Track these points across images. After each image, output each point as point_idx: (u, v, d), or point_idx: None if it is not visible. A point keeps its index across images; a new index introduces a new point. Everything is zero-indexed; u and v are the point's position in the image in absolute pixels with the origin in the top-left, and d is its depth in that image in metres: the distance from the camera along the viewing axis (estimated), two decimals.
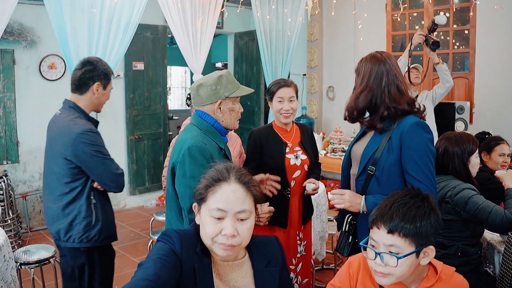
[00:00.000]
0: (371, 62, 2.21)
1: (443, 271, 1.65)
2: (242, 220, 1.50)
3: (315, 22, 6.92)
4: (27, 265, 3.29)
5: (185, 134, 2.26)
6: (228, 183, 1.51)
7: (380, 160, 2.14)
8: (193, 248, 1.52)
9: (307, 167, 2.92)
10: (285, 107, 2.85)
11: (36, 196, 5.72)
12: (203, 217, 1.52)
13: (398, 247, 1.52)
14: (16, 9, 4.88)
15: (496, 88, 5.60)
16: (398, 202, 1.57)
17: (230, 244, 1.47)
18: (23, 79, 5.52)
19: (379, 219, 1.56)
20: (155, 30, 6.53)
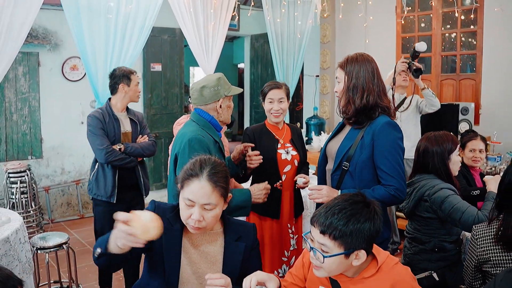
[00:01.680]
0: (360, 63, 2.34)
1: (386, 262, 1.71)
2: (208, 210, 1.82)
3: (328, 24, 7.08)
4: (43, 250, 3.56)
5: (185, 129, 2.57)
6: (199, 179, 1.81)
7: (354, 157, 2.32)
8: (166, 215, 1.88)
9: (297, 163, 3.14)
10: (275, 108, 3.10)
11: (58, 190, 6.07)
12: (180, 200, 1.86)
13: (327, 247, 1.60)
14: (40, 14, 5.22)
15: (503, 89, 5.64)
16: (337, 206, 1.63)
17: (197, 227, 1.82)
18: (47, 80, 5.87)
19: (315, 219, 1.64)
20: (172, 32, 6.81)
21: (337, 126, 2.57)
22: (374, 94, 2.33)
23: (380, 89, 2.36)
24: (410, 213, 2.88)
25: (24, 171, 5.24)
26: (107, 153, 3.48)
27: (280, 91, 3.11)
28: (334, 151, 2.43)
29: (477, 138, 3.67)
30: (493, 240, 2.18)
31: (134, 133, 3.75)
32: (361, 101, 2.31)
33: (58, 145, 6.04)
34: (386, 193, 2.28)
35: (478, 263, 2.25)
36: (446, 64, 6.32)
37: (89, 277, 4.36)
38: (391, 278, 1.67)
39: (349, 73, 2.35)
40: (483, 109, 5.81)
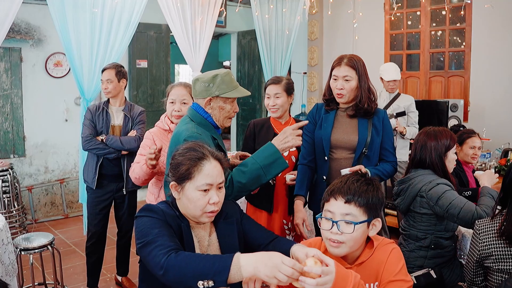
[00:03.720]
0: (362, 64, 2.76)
1: (380, 243, 1.81)
2: (220, 189, 1.83)
3: (316, 21, 7.04)
4: (27, 251, 3.44)
5: (180, 127, 2.42)
6: (209, 160, 1.80)
7: (371, 143, 2.76)
8: (172, 213, 1.82)
9: (294, 159, 3.11)
10: (271, 103, 3.07)
11: (41, 189, 5.92)
12: (190, 194, 1.78)
13: (354, 215, 1.69)
14: (23, 9, 5.10)
15: (491, 86, 5.67)
16: (351, 179, 1.75)
17: (216, 210, 1.80)
18: (29, 76, 5.72)
19: (336, 191, 1.72)
20: (159, 29, 6.70)
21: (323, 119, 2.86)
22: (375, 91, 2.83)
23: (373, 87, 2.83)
24: (405, 209, 2.84)
25: (6, 170, 5.07)
26: (85, 141, 3.73)
27: (277, 86, 3.06)
28: (348, 141, 2.78)
29: (476, 135, 3.68)
30: (496, 234, 2.17)
31: (124, 127, 3.81)
32: (375, 96, 2.79)
33: (42, 143, 5.89)
34: (391, 167, 2.84)
35: (480, 258, 2.23)
36: (435, 61, 6.32)
37: (75, 278, 4.25)
38: (385, 252, 1.77)
39: (358, 71, 2.71)
40: (471, 106, 5.84)
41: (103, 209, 3.82)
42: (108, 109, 3.81)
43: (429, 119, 5.21)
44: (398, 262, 1.76)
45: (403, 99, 4.86)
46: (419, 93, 6.27)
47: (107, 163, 3.79)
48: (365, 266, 1.77)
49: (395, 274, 1.72)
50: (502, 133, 5.38)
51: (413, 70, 6.42)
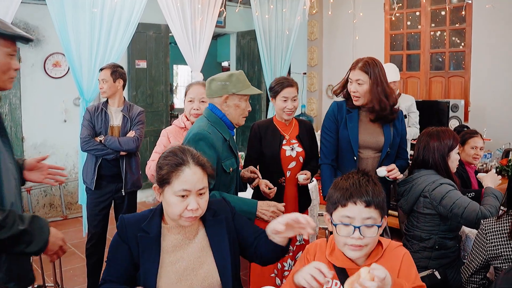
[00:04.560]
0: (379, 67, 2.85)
1: (389, 245, 1.78)
2: (201, 195, 1.79)
3: (315, 21, 7.03)
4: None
5: (195, 124, 2.52)
6: (189, 166, 1.77)
7: (393, 143, 2.93)
8: (139, 225, 1.83)
9: (302, 159, 3.12)
10: (289, 106, 3.06)
11: (40, 190, 5.88)
12: (168, 198, 1.78)
13: (374, 218, 1.66)
14: (21, 9, 5.05)
15: (492, 86, 5.66)
16: (363, 180, 1.71)
17: (194, 216, 1.78)
18: (28, 77, 5.68)
19: (355, 196, 1.66)
20: (158, 29, 6.67)
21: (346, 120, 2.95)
22: (394, 93, 2.99)
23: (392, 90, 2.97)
24: (409, 210, 2.83)
25: None
26: (84, 142, 3.71)
27: (293, 89, 3.08)
28: (375, 142, 2.92)
29: (478, 135, 3.67)
30: (506, 235, 2.16)
31: (123, 128, 3.80)
32: (390, 100, 2.86)
33: (40, 144, 5.85)
34: (406, 164, 3.04)
35: (487, 259, 2.22)
36: (435, 62, 6.31)
37: (75, 280, 4.22)
38: (397, 258, 1.75)
39: (371, 75, 2.81)
40: (472, 106, 5.83)
41: (103, 210, 3.80)
42: (107, 109, 3.78)
43: (430, 119, 5.19)
44: (411, 268, 1.76)
45: (404, 99, 4.83)
46: (420, 93, 6.26)
47: (105, 164, 3.77)
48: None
49: (412, 281, 1.71)
50: (503, 133, 5.38)
51: (413, 70, 6.41)
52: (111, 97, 3.79)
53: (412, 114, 4.79)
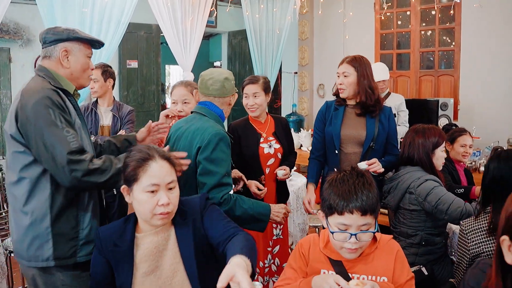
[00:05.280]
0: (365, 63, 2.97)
1: (382, 238, 1.84)
2: (171, 190, 1.76)
3: (306, 21, 7.06)
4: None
5: (202, 124, 2.39)
6: (155, 160, 1.75)
7: (378, 137, 2.96)
8: (113, 237, 1.81)
9: (280, 155, 3.17)
10: (250, 103, 3.10)
11: None
12: (138, 196, 1.74)
13: (369, 224, 1.70)
14: (12, 9, 5.06)
15: (481, 85, 5.71)
16: (358, 185, 1.72)
17: (166, 212, 1.73)
18: (19, 77, 5.68)
19: (351, 205, 1.68)
20: (149, 29, 6.69)
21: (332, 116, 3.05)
22: (378, 89, 3.05)
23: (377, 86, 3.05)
24: (395, 207, 2.85)
25: None
26: None
27: (255, 85, 3.09)
28: (357, 136, 2.98)
29: (467, 133, 3.69)
30: (485, 233, 2.19)
31: (113, 127, 3.79)
32: (375, 93, 2.96)
33: None
34: (396, 159, 3.01)
35: (472, 257, 2.25)
36: (425, 61, 6.35)
37: None
38: (391, 250, 1.81)
39: (358, 69, 2.92)
40: (461, 105, 5.87)
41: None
42: (96, 109, 3.78)
43: (420, 118, 5.21)
44: (405, 262, 1.82)
45: (393, 98, 4.86)
46: (410, 92, 6.31)
47: None
48: (371, 259, 1.79)
49: (406, 274, 1.78)
50: (492, 131, 5.42)
51: (404, 69, 6.45)
52: (101, 97, 3.79)
53: (402, 113, 4.82)
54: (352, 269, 1.78)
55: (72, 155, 1.90)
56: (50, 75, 2.09)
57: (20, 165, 2.00)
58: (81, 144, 1.97)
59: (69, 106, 2.07)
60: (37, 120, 1.92)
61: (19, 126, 1.96)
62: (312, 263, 1.86)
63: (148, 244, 1.80)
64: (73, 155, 1.91)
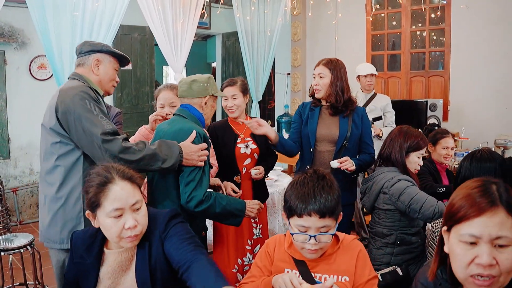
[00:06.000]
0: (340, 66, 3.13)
1: (345, 238, 1.90)
2: (137, 210, 1.71)
3: (298, 22, 7.11)
4: (6, 251, 3.49)
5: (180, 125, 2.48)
6: (115, 183, 1.68)
7: (351, 136, 3.10)
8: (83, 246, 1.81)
9: (256, 155, 3.28)
10: (229, 104, 3.23)
11: (26, 191, 5.97)
12: (102, 221, 1.69)
13: (328, 226, 1.74)
14: (6, 12, 5.15)
15: (471, 86, 5.75)
16: (317, 187, 1.76)
17: (134, 235, 1.69)
18: (14, 79, 5.76)
19: (310, 208, 1.72)
20: (143, 31, 6.75)
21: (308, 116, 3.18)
22: (349, 91, 3.16)
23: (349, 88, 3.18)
24: (371, 207, 2.92)
25: None
26: None
27: (233, 88, 3.22)
28: (330, 135, 3.12)
29: (449, 135, 3.74)
30: None
31: None
32: (344, 95, 3.09)
33: (26, 145, 5.93)
34: (370, 158, 3.16)
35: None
36: (415, 62, 6.40)
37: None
38: (353, 250, 1.86)
39: (333, 71, 3.07)
40: (451, 106, 5.91)
41: None
42: None
43: (409, 119, 5.28)
44: (367, 261, 1.86)
45: (380, 99, 4.92)
46: (400, 93, 6.36)
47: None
48: (334, 259, 1.84)
49: (368, 273, 1.83)
50: (481, 132, 5.47)
51: (395, 70, 6.51)
52: None
53: (388, 114, 4.88)
54: (315, 268, 1.84)
55: (106, 135, 2.16)
56: (83, 80, 2.41)
57: (56, 155, 2.29)
58: (115, 128, 2.23)
59: (101, 102, 2.38)
60: (76, 108, 2.21)
61: (60, 117, 2.25)
62: (277, 262, 1.92)
63: (112, 262, 1.78)
64: (107, 135, 2.17)
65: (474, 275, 1.20)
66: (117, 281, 1.79)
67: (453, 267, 1.27)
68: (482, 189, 1.26)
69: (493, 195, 1.23)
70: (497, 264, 1.18)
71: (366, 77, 4.89)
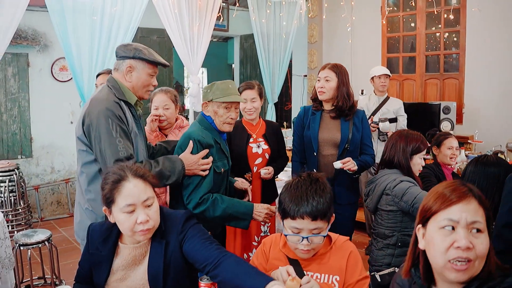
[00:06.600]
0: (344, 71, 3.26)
1: (338, 239, 1.96)
2: (149, 207, 1.82)
3: (315, 24, 7.17)
4: (25, 246, 3.66)
5: (189, 130, 2.69)
6: (128, 180, 1.80)
7: (352, 139, 3.23)
8: (99, 239, 1.93)
9: (268, 156, 3.41)
10: (248, 106, 3.38)
11: (48, 189, 6.17)
12: (117, 216, 1.82)
13: (320, 228, 1.81)
14: (30, 16, 5.35)
15: (486, 89, 5.71)
16: (309, 191, 1.83)
17: (146, 229, 1.80)
18: (36, 80, 5.97)
19: (302, 211, 1.79)
20: (161, 33, 6.88)
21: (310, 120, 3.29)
22: (353, 96, 3.28)
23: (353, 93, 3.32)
24: (374, 209, 2.97)
25: (12, 170, 5.34)
26: None
27: (252, 91, 3.37)
28: (332, 138, 3.24)
29: (452, 136, 3.76)
30: None
31: None
32: (350, 99, 3.21)
33: (48, 144, 6.14)
34: (371, 159, 3.30)
35: None
36: (430, 64, 6.39)
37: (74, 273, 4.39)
38: (345, 251, 1.92)
39: (339, 76, 3.19)
40: (466, 108, 5.89)
41: None
42: None
43: (422, 122, 5.27)
44: (358, 262, 1.92)
45: (392, 102, 4.95)
46: (415, 95, 6.35)
47: None
48: (326, 258, 1.91)
49: (359, 273, 1.89)
50: (495, 135, 5.44)
51: (410, 72, 6.51)
52: None
53: (400, 117, 4.91)
54: (307, 267, 1.91)
55: (117, 162, 2.21)
56: (117, 86, 2.43)
57: (82, 161, 2.41)
58: (129, 153, 2.29)
59: (128, 117, 2.40)
60: (98, 127, 2.28)
61: (85, 129, 2.34)
62: (272, 260, 2.00)
63: (127, 256, 1.90)
64: (119, 162, 2.21)
65: (452, 260, 1.28)
66: (128, 274, 1.90)
67: (432, 256, 1.34)
68: (453, 187, 1.37)
69: (466, 189, 1.35)
70: (474, 247, 1.27)
71: (380, 78, 4.93)
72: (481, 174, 2.63)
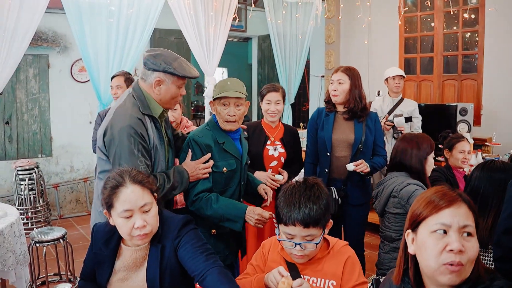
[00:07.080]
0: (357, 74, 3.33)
1: (336, 243, 1.96)
2: (146, 212, 1.84)
3: (332, 25, 7.15)
4: (41, 243, 3.74)
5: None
6: (125, 186, 1.83)
7: (366, 141, 3.29)
8: (103, 238, 1.97)
9: (283, 159, 3.43)
10: (272, 108, 3.42)
11: (67, 187, 6.30)
12: (116, 220, 1.86)
13: (312, 235, 1.81)
14: (50, 18, 5.48)
15: (504, 90, 5.60)
16: (303, 197, 1.82)
17: (144, 234, 1.83)
18: (56, 81, 6.10)
19: (294, 218, 1.79)
20: (179, 34, 6.90)
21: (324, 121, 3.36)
22: (366, 99, 3.36)
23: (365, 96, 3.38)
24: (381, 211, 2.97)
25: (32, 168, 5.47)
26: (94, 144, 3.98)
27: (277, 94, 3.42)
28: (346, 139, 3.30)
29: (464, 140, 3.71)
30: None
31: None
32: (363, 102, 3.28)
33: (67, 144, 6.27)
34: (383, 160, 3.38)
35: None
36: (448, 65, 6.31)
37: None
38: (343, 256, 1.92)
39: (351, 78, 3.26)
40: (484, 110, 5.80)
41: None
42: None
43: (438, 123, 5.20)
44: (355, 267, 1.92)
45: (407, 104, 4.92)
46: (433, 97, 6.28)
47: None
48: (322, 263, 1.91)
49: (356, 279, 1.89)
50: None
51: (427, 73, 6.44)
52: None
53: (415, 119, 4.86)
54: (304, 271, 1.92)
55: None
56: (142, 98, 2.40)
57: (100, 169, 2.44)
58: (149, 172, 2.29)
59: (150, 133, 2.38)
60: (120, 144, 2.28)
61: (105, 141, 2.34)
62: (270, 263, 2.02)
63: (128, 258, 1.94)
64: None
65: (446, 264, 1.29)
66: (130, 275, 1.94)
67: (424, 259, 1.35)
68: (443, 192, 1.39)
69: (455, 194, 1.38)
70: (465, 251, 1.28)
71: (395, 78, 4.90)
72: (487, 180, 2.58)
